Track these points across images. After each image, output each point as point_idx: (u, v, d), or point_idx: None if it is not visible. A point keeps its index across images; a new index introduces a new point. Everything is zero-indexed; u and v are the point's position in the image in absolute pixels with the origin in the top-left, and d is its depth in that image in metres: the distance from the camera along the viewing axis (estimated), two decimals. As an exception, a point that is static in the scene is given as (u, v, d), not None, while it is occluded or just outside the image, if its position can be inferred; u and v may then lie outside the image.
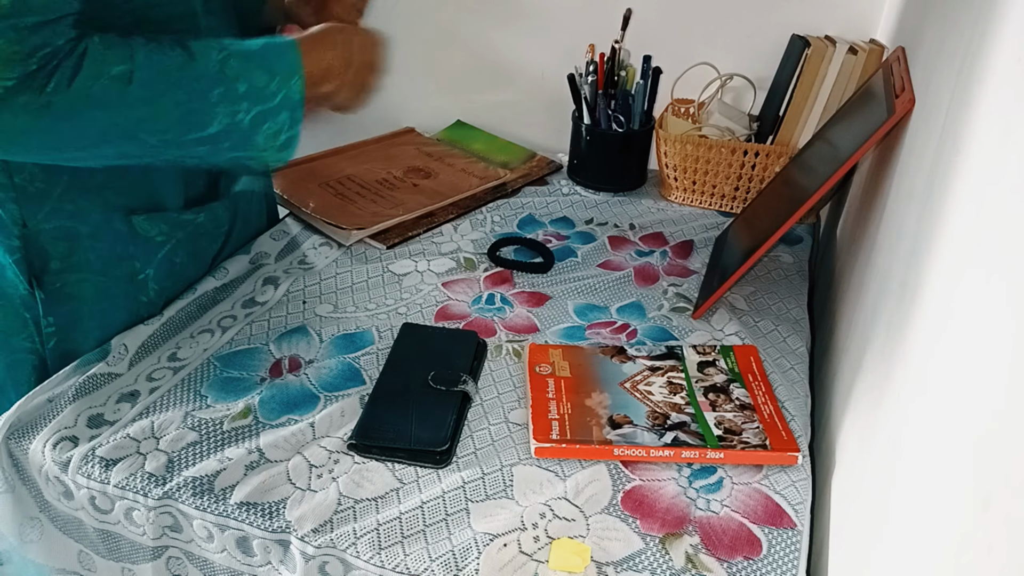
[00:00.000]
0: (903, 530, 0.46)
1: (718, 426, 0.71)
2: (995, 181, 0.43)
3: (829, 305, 0.94)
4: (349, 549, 0.61)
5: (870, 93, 0.85)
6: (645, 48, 1.12)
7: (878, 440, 0.56)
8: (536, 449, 0.69)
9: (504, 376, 0.79)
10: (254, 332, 0.83)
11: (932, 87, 0.66)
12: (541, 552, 0.61)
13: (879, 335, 0.62)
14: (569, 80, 1.13)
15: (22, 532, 0.73)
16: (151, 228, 0.79)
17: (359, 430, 0.70)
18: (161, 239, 0.80)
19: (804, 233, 1.07)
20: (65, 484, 0.69)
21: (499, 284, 0.93)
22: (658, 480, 0.67)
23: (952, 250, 0.48)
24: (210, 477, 0.67)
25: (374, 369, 0.79)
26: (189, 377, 0.77)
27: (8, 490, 0.72)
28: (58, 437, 0.70)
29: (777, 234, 0.81)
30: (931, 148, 0.60)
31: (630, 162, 1.16)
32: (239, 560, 0.66)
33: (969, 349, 0.42)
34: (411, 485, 0.67)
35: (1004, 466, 0.34)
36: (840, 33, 1.08)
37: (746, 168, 1.07)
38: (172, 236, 0.81)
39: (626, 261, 0.99)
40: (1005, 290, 0.38)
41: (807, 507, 0.65)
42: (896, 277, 0.61)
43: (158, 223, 0.79)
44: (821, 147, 0.90)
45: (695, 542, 0.62)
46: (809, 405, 0.76)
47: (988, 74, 0.49)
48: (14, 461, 0.71)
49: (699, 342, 0.83)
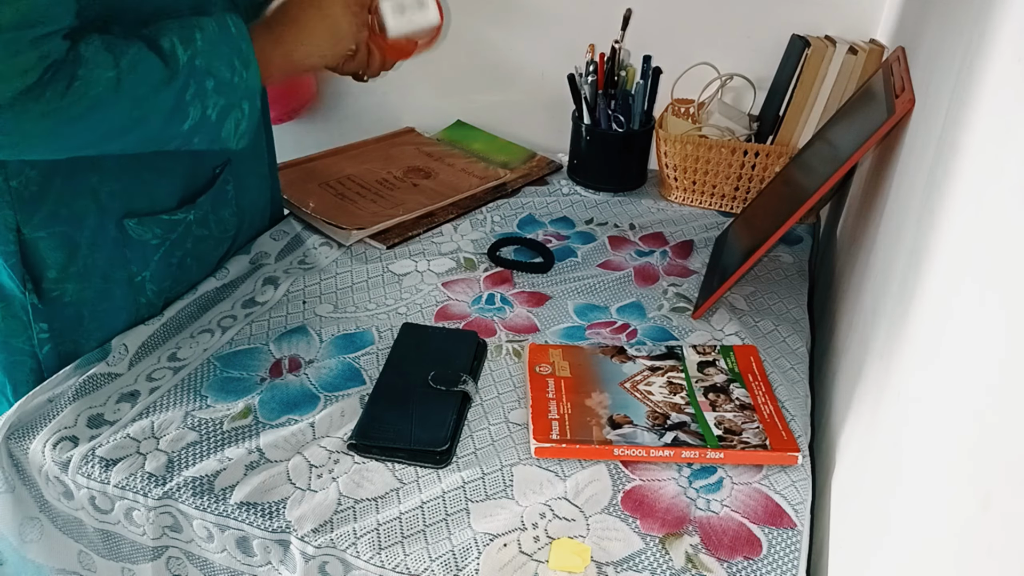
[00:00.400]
0: (903, 530, 0.46)
1: (718, 426, 0.71)
2: (995, 181, 0.43)
3: (829, 305, 0.94)
4: (349, 549, 0.61)
5: (870, 93, 0.85)
6: (645, 48, 1.12)
7: (878, 440, 0.56)
8: (536, 449, 0.69)
9: (504, 376, 0.79)
10: (254, 332, 0.83)
11: (932, 87, 0.66)
12: (541, 552, 0.61)
13: (879, 335, 0.62)
14: (569, 80, 1.13)
15: (22, 532, 0.73)
16: (144, 232, 0.79)
17: (359, 430, 0.70)
18: (156, 242, 0.80)
19: (804, 233, 1.07)
20: (65, 484, 0.69)
21: (499, 284, 0.93)
22: (658, 480, 0.67)
23: (952, 250, 0.48)
24: (210, 477, 0.67)
25: (374, 369, 0.79)
26: (189, 377, 0.77)
27: (8, 490, 0.72)
28: (58, 437, 0.70)
29: (777, 234, 0.81)
30: (931, 148, 0.60)
31: (630, 162, 1.16)
32: (239, 560, 0.66)
33: (969, 349, 0.42)
34: (411, 485, 0.67)
35: (1004, 466, 0.34)
36: (840, 33, 1.08)
37: (746, 168, 1.07)
38: (166, 238, 0.81)
39: (626, 261, 0.99)
40: (1005, 290, 0.38)
41: (807, 507, 0.65)
42: (896, 277, 0.61)
43: (151, 226, 0.79)
44: (821, 147, 0.90)
45: (695, 542, 0.62)
46: (809, 405, 0.77)
47: (988, 74, 0.49)
48: (14, 461, 0.71)
49: (699, 342, 0.83)
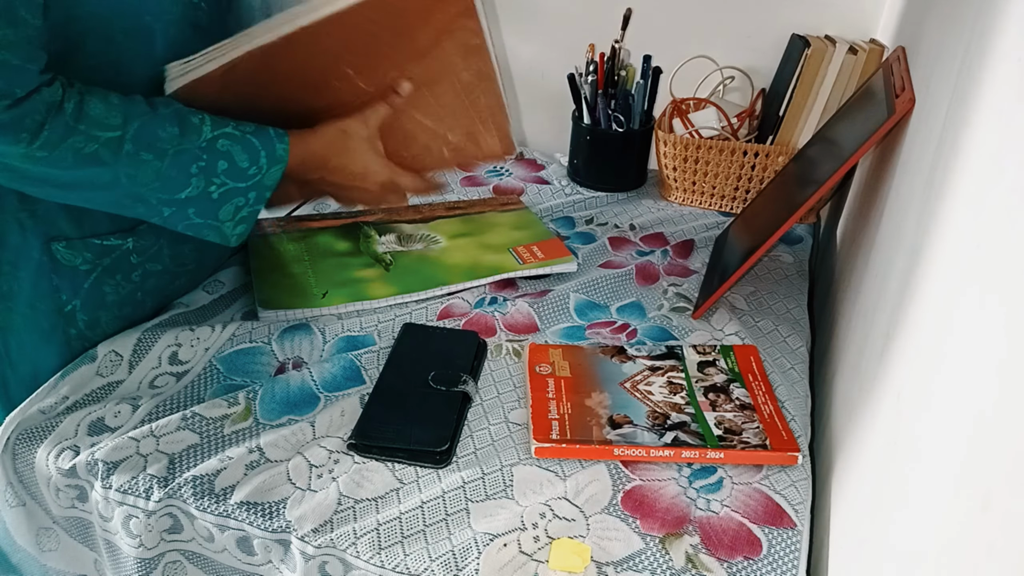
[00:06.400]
0: (903, 530, 0.46)
1: (718, 426, 0.71)
2: (995, 181, 0.43)
3: (829, 305, 0.94)
4: (349, 549, 0.61)
5: (870, 93, 0.85)
6: (645, 48, 1.12)
7: (878, 440, 0.56)
8: (536, 449, 0.69)
9: (504, 376, 0.79)
10: (255, 328, 0.83)
11: (932, 87, 0.66)
12: (541, 552, 0.61)
13: (879, 335, 0.62)
14: (569, 80, 1.13)
15: (39, 542, 0.73)
16: (74, 257, 0.74)
17: (359, 430, 0.70)
18: (85, 267, 0.75)
19: (804, 233, 1.07)
20: (71, 494, 0.69)
21: (503, 289, 0.93)
22: (658, 480, 0.67)
23: (952, 249, 0.48)
24: (210, 477, 0.67)
25: (375, 369, 0.78)
26: (190, 378, 0.77)
27: (19, 504, 0.72)
28: (60, 448, 0.70)
29: (777, 234, 0.81)
30: (931, 148, 0.60)
31: (630, 162, 1.16)
32: (240, 560, 0.66)
33: (969, 348, 0.42)
34: (411, 485, 0.67)
35: (1004, 466, 0.34)
36: (840, 33, 1.08)
37: (746, 168, 1.07)
38: (97, 264, 0.76)
39: (627, 261, 0.99)
40: (1005, 290, 0.38)
41: (807, 507, 0.65)
42: (896, 277, 0.61)
43: (81, 251, 0.74)
44: (821, 147, 0.90)
45: (695, 542, 0.62)
46: (809, 405, 0.77)
47: (988, 74, 0.49)
48: (20, 476, 0.71)
49: (699, 342, 0.83)
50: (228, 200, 0.72)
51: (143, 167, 0.67)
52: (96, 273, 0.76)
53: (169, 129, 0.68)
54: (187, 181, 0.69)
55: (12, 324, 0.74)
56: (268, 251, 0.95)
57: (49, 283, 0.74)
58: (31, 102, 0.60)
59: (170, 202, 0.70)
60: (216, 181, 0.71)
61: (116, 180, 0.67)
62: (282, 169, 0.74)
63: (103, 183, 0.67)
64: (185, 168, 0.69)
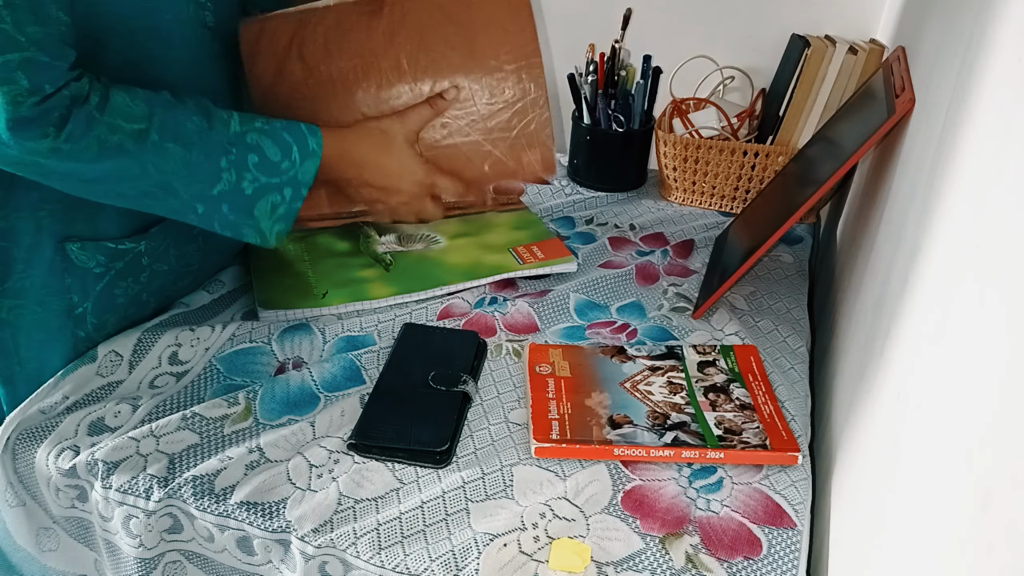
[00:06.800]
0: (903, 530, 0.46)
1: (718, 426, 0.71)
2: (995, 180, 0.43)
3: (829, 305, 0.94)
4: (349, 549, 0.61)
5: (870, 93, 0.85)
6: (645, 48, 1.12)
7: (878, 440, 0.56)
8: (536, 449, 0.69)
9: (504, 376, 0.79)
10: (255, 328, 0.83)
11: (932, 87, 0.66)
12: (541, 552, 0.61)
13: (879, 335, 0.62)
14: (569, 80, 1.13)
15: (39, 542, 0.73)
16: (88, 259, 0.74)
17: (359, 430, 0.70)
18: (98, 270, 0.75)
19: (804, 233, 1.07)
20: (70, 494, 0.69)
21: (503, 288, 0.93)
22: (658, 480, 0.67)
23: (952, 249, 0.48)
24: (210, 477, 0.67)
25: (375, 369, 0.78)
26: (190, 378, 0.77)
27: (19, 504, 0.72)
28: (60, 448, 0.70)
29: (777, 234, 0.81)
30: (931, 148, 0.60)
31: (630, 162, 1.16)
32: (240, 560, 0.66)
33: (969, 349, 0.42)
34: (411, 485, 0.67)
35: (1004, 466, 0.34)
36: (840, 33, 1.08)
37: (746, 168, 1.07)
38: (110, 267, 0.76)
39: (627, 261, 0.99)
40: (1005, 290, 0.38)
41: (807, 507, 0.65)
42: (896, 277, 0.61)
43: (95, 253, 0.74)
44: (821, 147, 0.90)
45: (695, 542, 0.62)
46: (809, 405, 0.77)
47: (988, 74, 0.49)
48: (20, 477, 0.71)
49: (699, 342, 0.83)
50: (262, 196, 0.71)
51: (169, 157, 0.66)
52: (109, 276, 0.76)
53: (195, 120, 0.67)
54: (218, 175, 0.69)
55: (21, 321, 0.74)
56: (268, 251, 0.95)
57: (60, 283, 0.74)
58: (58, 97, 0.60)
59: (203, 197, 0.69)
60: (248, 176, 0.70)
61: (144, 171, 0.66)
62: (316, 164, 0.73)
63: (131, 175, 0.66)
64: (214, 160, 0.68)
